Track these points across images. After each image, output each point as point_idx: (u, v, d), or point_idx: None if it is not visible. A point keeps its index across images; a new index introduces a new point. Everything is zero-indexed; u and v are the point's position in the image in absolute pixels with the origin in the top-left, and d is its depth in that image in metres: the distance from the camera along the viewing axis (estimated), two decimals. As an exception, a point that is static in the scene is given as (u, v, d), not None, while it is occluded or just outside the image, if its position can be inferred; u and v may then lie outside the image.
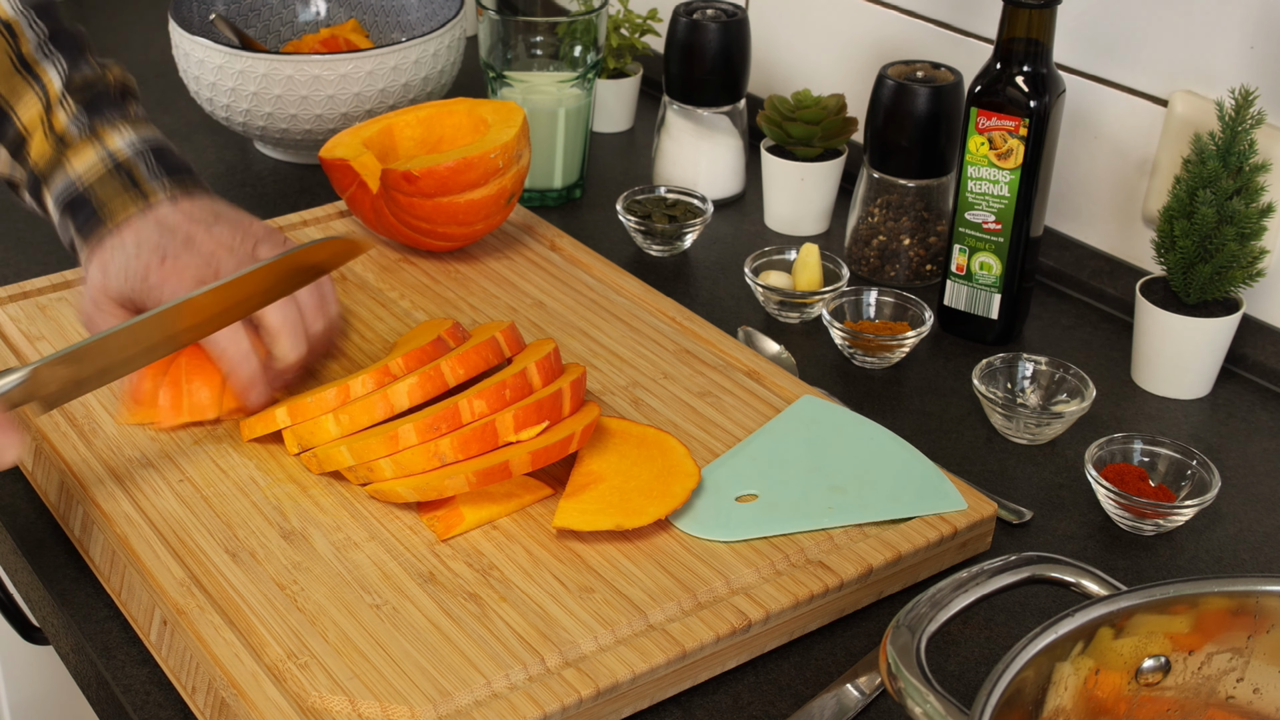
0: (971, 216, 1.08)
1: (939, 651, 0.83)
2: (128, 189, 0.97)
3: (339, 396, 0.90)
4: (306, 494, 0.87)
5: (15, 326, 1.02)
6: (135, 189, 0.97)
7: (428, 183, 1.06)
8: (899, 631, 0.69)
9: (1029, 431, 1.00)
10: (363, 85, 1.27)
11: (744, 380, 0.99)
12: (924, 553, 0.86)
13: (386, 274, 1.11)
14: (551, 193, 1.30)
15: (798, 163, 1.24)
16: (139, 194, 0.96)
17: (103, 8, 1.72)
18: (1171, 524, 0.92)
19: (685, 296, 1.17)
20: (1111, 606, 0.67)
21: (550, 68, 1.26)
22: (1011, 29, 1.03)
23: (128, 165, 0.98)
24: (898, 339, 1.06)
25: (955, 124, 1.14)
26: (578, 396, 0.90)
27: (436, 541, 0.84)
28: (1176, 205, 1.02)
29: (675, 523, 0.85)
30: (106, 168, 0.97)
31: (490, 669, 0.75)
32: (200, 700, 0.76)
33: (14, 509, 0.91)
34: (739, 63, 1.26)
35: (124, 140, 0.99)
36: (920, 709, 0.65)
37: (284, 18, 1.46)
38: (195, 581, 0.80)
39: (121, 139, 0.98)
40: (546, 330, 1.04)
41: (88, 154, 0.98)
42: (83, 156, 0.97)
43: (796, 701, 0.79)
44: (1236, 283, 1.02)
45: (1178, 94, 1.10)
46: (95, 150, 0.98)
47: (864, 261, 1.20)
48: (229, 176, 1.34)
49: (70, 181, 0.97)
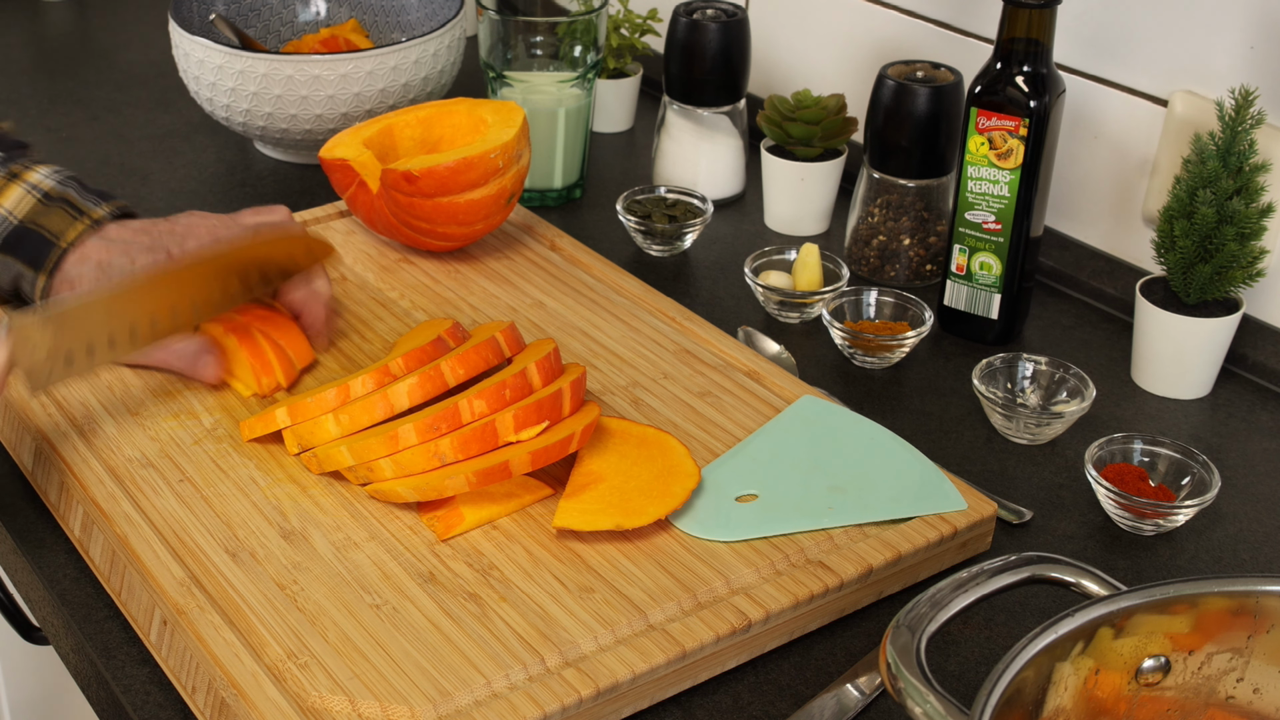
0: (971, 216, 1.08)
1: (939, 651, 0.83)
2: (68, 213, 0.97)
3: (339, 397, 0.90)
4: (306, 494, 0.87)
5: (15, 326, 1.02)
6: (77, 211, 0.97)
7: (428, 183, 1.06)
8: (899, 631, 0.69)
9: (1029, 431, 1.00)
10: (363, 85, 1.27)
11: (744, 380, 0.99)
12: (924, 553, 0.86)
13: (386, 274, 1.11)
14: (551, 193, 1.30)
15: (798, 163, 1.24)
16: (82, 215, 0.96)
17: (103, 8, 1.72)
18: (1171, 524, 0.92)
19: (685, 296, 1.17)
20: (1111, 606, 0.67)
21: (550, 68, 1.26)
22: (1011, 29, 1.03)
23: (58, 194, 0.98)
24: (898, 339, 1.06)
25: (955, 124, 1.14)
26: (578, 396, 0.90)
27: (436, 541, 0.84)
28: (1176, 205, 1.02)
29: (675, 523, 0.85)
30: (37, 198, 0.97)
31: (490, 669, 0.75)
32: (200, 700, 0.76)
33: (14, 509, 0.91)
34: (739, 63, 1.26)
35: (44, 174, 0.98)
36: (920, 709, 0.65)
37: (284, 18, 1.46)
38: (195, 581, 0.80)
39: (40, 174, 0.98)
40: (546, 330, 1.04)
41: (13, 191, 0.97)
42: (8, 195, 0.97)
43: (796, 701, 0.79)
44: (1236, 283, 1.02)
45: (1178, 94, 1.10)
46: (19, 187, 0.97)
47: (864, 261, 1.20)
48: (229, 176, 1.34)
49: (2, 218, 0.96)
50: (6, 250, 0.96)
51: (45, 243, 0.95)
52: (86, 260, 0.94)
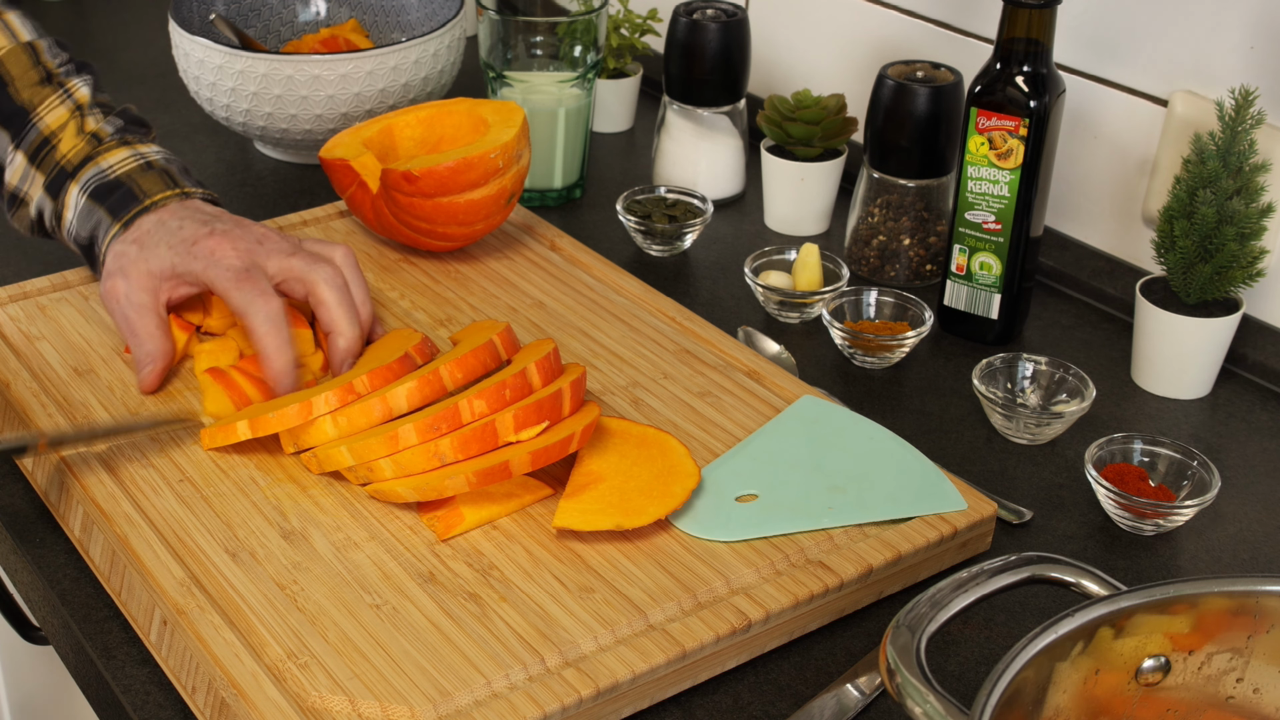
0: (971, 216, 1.08)
1: (939, 651, 0.83)
2: (164, 180, 1.00)
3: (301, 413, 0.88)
4: (306, 494, 0.87)
5: (15, 326, 1.02)
6: (172, 181, 1.00)
7: (428, 183, 1.06)
8: (899, 631, 0.69)
9: (1029, 431, 1.00)
10: (363, 85, 1.27)
11: (744, 380, 0.99)
12: (924, 553, 0.86)
13: (386, 274, 1.11)
14: (551, 193, 1.30)
15: (798, 163, 1.24)
16: (176, 186, 0.99)
17: (103, 8, 1.72)
18: (1171, 524, 0.92)
19: (685, 296, 1.17)
20: (1111, 606, 0.67)
21: (550, 68, 1.26)
22: (1011, 29, 1.03)
23: (162, 166, 1.01)
24: (898, 339, 1.06)
25: (955, 124, 1.14)
26: (578, 396, 0.90)
27: (436, 541, 0.84)
28: (1176, 205, 1.02)
29: (675, 523, 0.85)
30: (141, 164, 1.00)
31: (490, 669, 0.75)
32: (200, 700, 0.76)
33: (14, 509, 0.91)
34: (739, 63, 1.26)
35: (155, 151, 1.02)
36: (920, 709, 0.65)
37: (284, 18, 1.46)
38: (195, 581, 0.80)
39: (152, 150, 1.02)
40: (546, 330, 1.04)
41: (122, 152, 1.01)
42: (117, 154, 1.00)
43: (796, 701, 0.79)
44: (1236, 283, 1.02)
45: (1178, 94, 1.10)
46: (129, 151, 1.01)
47: (864, 261, 1.20)
48: (229, 176, 1.34)
49: (103, 170, 0.99)
50: (96, 198, 0.98)
51: (132, 197, 0.98)
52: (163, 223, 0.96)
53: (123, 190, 0.98)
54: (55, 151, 1.00)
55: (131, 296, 0.94)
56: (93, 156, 1.00)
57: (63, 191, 1.00)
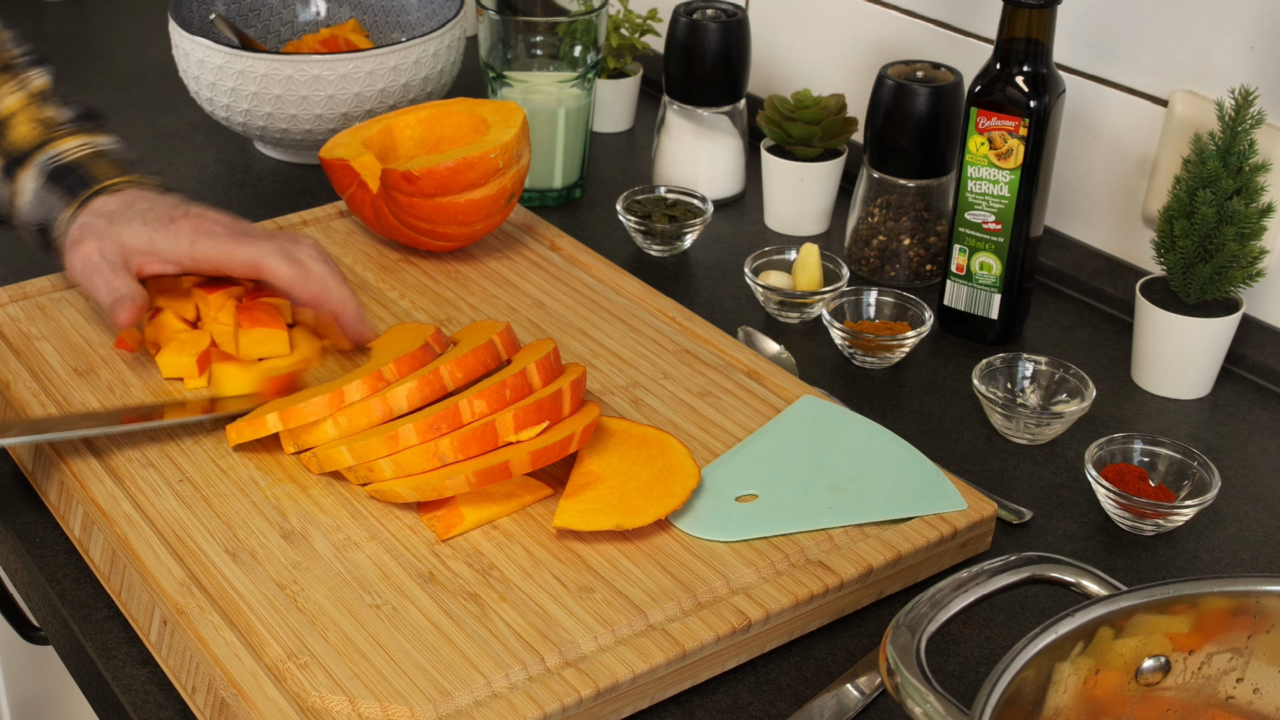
0: (971, 216, 1.08)
1: (939, 651, 0.83)
2: (119, 167, 1.00)
3: (332, 403, 0.89)
4: (306, 494, 0.87)
5: (15, 326, 1.02)
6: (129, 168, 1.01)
7: (428, 183, 1.06)
8: (899, 631, 0.69)
9: (1029, 431, 1.00)
10: (363, 85, 1.27)
11: (744, 380, 0.99)
12: (924, 553, 0.86)
13: (386, 274, 1.11)
14: (551, 193, 1.30)
15: (798, 163, 1.24)
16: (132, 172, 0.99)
17: (103, 8, 1.72)
18: (1171, 524, 0.92)
19: (685, 296, 1.17)
20: (1111, 606, 0.67)
21: (550, 68, 1.26)
22: (1011, 29, 1.03)
23: (116, 155, 1.01)
24: (898, 339, 1.06)
25: (955, 124, 1.14)
26: (578, 396, 0.90)
27: (436, 541, 0.84)
28: (1176, 205, 1.02)
29: (675, 523, 0.85)
30: (93, 151, 1.00)
31: (490, 669, 0.75)
32: (200, 700, 0.76)
33: (14, 508, 0.91)
34: (739, 63, 1.26)
35: (110, 141, 1.02)
36: (920, 709, 0.65)
37: (284, 18, 1.46)
38: (195, 581, 0.80)
39: (107, 141, 1.02)
40: (546, 330, 1.04)
41: (77, 140, 1.01)
42: (71, 141, 1.00)
43: (796, 701, 0.79)
44: (1236, 283, 1.02)
45: (1178, 94, 1.10)
46: (83, 139, 1.01)
47: (864, 261, 1.20)
48: (229, 176, 1.34)
49: (57, 155, 0.99)
50: (52, 179, 0.99)
51: (87, 179, 0.98)
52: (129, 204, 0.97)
53: (77, 174, 0.98)
54: (8, 137, 1.00)
55: (106, 254, 0.94)
56: (47, 142, 1.00)
57: (14, 177, 1.00)
